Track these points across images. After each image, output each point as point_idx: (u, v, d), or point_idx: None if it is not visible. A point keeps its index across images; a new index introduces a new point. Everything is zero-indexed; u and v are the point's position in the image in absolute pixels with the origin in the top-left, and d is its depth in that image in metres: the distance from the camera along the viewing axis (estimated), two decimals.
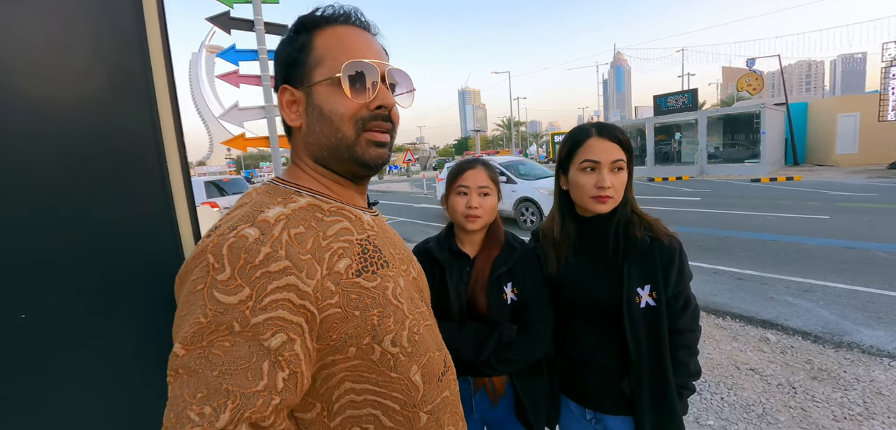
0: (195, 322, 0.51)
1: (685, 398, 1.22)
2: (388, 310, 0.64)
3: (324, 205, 0.66)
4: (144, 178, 0.65)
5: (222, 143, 6.05)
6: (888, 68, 16.58)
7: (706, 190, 13.57)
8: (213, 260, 0.53)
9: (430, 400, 0.69)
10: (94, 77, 0.60)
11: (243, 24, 5.19)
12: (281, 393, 0.52)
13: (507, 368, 1.27)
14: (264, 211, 0.59)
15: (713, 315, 4.06)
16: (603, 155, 1.16)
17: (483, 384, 1.33)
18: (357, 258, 0.64)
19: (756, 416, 2.57)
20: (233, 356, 0.50)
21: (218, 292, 0.52)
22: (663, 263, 1.16)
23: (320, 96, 0.64)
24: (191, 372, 0.50)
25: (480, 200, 1.30)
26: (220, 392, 0.49)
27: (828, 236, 6.64)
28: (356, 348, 0.61)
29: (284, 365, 0.53)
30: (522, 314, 1.29)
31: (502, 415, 1.35)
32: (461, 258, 1.34)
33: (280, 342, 0.53)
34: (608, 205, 1.17)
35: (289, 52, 0.66)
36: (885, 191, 10.95)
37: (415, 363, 0.67)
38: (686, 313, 1.19)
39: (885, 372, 2.93)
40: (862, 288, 4.42)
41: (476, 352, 1.23)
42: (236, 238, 0.54)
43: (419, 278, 0.82)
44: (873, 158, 17.76)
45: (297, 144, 0.70)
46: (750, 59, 22.41)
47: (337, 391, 0.62)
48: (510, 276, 1.30)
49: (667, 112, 21.27)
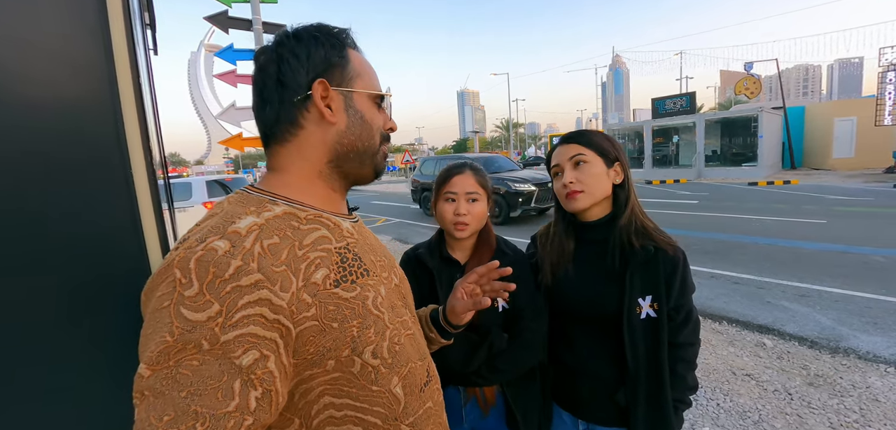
0: (161, 341, 0.48)
1: (681, 412, 1.19)
2: (368, 321, 0.62)
3: (300, 213, 0.64)
4: (105, 179, 0.61)
5: (219, 142, 6.02)
6: (885, 73, 16.68)
7: (704, 193, 13.58)
8: (180, 275, 0.51)
9: (411, 412, 0.67)
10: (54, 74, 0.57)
11: (241, 24, 5.17)
12: (254, 413, 0.50)
13: (498, 378, 1.23)
14: (235, 222, 0.56)
15: (710, 320, 4.04)
16: (562, 156, 1.20)
17: (474, 394, 1.30)
18: (335, 268, 0.62)
19: (752, 422, 2.55)
20: (202, 376, 0.48)
21: (185, 308, 0.49)
22: (666, 273, 1.13)
23: (362, 103, 0.70)
24: (157, 394, 0.47)
25: (469, 207, 1.27)
26: (188, 414, 0.46)
27: (825, 240, 6.64)
28: (335, 361, 0.59)
29: (257, 384, 0.50)
30: (514, 322, 1.25)
31: (492, 426, 1.31)
32: (452, 265, 1.31)
33: (252, 360, 0.50)
34: (579, 200, 1.17)
35: (327, 53, 0.68)
36: (882, 195, 10.98)
37: (395, 374, 0.65)
38: (687, 327, 1.16)
39: (882, 379, 2.91)
40: (859, 293, 4.41)
41: (466, 363, 1.19)
42: (205, 251, 0.52)
43: (402, 285, 0.80)
44: (870, 162, 17.85)
45: (314, 141, 0.67)
46: (748, 63, 22.50)
47: (316, 406, 0.60)
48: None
49: (665, 115, 21.34)
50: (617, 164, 1.19)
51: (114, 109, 0.61)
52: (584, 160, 1.16)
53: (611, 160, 1.18)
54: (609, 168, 1.18)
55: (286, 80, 0.65)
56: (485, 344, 1.20)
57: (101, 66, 0.60)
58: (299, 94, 0.65)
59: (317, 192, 0.69)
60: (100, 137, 0.61)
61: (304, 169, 0.68)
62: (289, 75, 0.65)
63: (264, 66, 0.67)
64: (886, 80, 16.64)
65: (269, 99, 0.66)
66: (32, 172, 0.57)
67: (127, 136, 0.62)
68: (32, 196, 0.57)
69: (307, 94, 0.66)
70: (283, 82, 0.65)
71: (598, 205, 1.19)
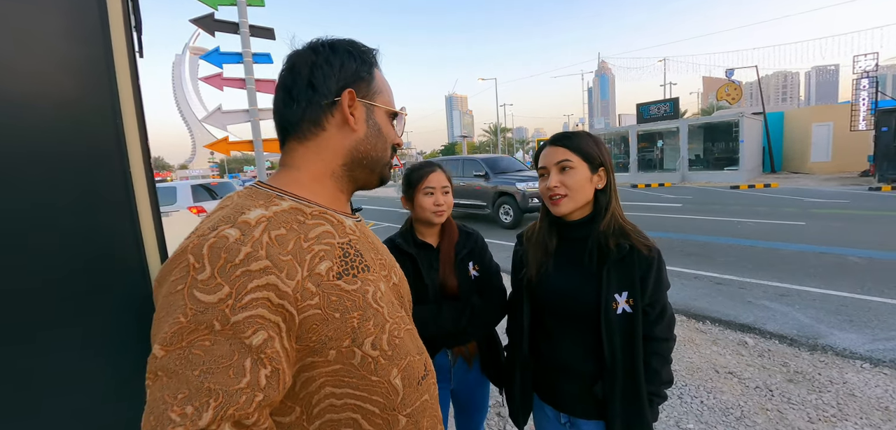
0: (175, 322, 0.51)
1: (656, 405, 1.23)
2: (368, 313, 0.65)
3: (306, 209, 0.66)
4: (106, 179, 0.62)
5: (205, 146, 5.94)
6: (859, 80, 17.22)
7: (687, 197, 13.84)
8: (194, 260, 0.53)
9: (409, 403, 0.70)
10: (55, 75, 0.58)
11: (228, 27, 5.10)
12: (264, 390, 0.52)
13: (480, 331, 1.55)
14: (245, 213, 0.59)
15: (693, 320, 4.13)
16: (548, 159, 1.24)
17: (461, 353, 1.59)
18: (338, 261, 0.64)
19: (735, 419, 2.61)
20: (214, 355, 0.50)
21: (198, 291, 0.52)
22: (642, 270, 1.17)
23: (380, 117, 0.76)
24: (171, 374, 0.49)
25: (444, 198, 1.53)
26: (201, 391, 0.48)
27: (804, 241, 6.83)
28: (336, 351, 0.61)
29: (266, 362, 0.53)
30: (485, 286, 1.57)
31: (474, 376, 1.63)
32: (427, 248, 1.55)
33: (262, 340, 0.53)
34: (562, 205, 1.21)
35: (358, 67, 0.73)
36: (857, 198, 11.34)
37: (395, 366, 0.68)
38: (662, 322, 1.21)
39: (858, 374, 3.01)
40: (835, 292, 4.55)
41: (456, 321, 1.46)
42: (217, 238, 0.54)
43: (400, 285, 0.83)
44: (846, 166, 18.40)
45: (333, 144, 0.72)
46: (729, 70, 23.04)
47: (317, 396, 0.62)
48: (471, 256, 1.58)
49: (649, 120, 21.69)
50: (601, 169, 1.23)
51: (113, 109, 0.62)
52: (570, 166, 1.20)
53: (595, 166, 1.22)
54: (593, 173, 1.21)
55: (317, 83, 0.70)
56: (467, 306, 1.50)
57: (101, 66, 0.61)
58: (328, 98, 0.70)
59: (325, 191, 0.72)
60: (100, 136, 0.62)
61: (318, 168, 0.72)
62: (320, 80, 0.70)
63: (296, 67, 0.71)
64: (861, 86, 17.19)
65: (297, 98, 0.70)
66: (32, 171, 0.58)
67: (126, 136, 0.63)
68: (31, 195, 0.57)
69: (335, 99, 0.70)
70: (314, 85, 0.70)
71: (581, 208, 1.23)
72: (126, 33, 0.62)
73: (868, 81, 17.09)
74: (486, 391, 1.69)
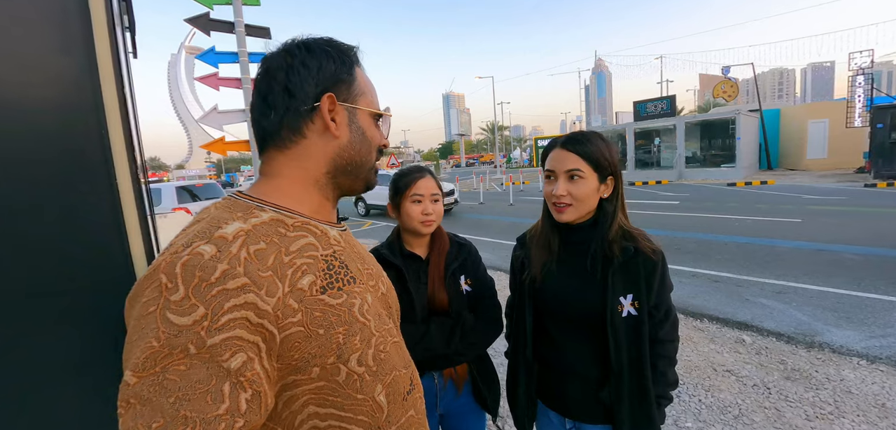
0: (147, 347, 0.47)
1: (663, 408, 1.22)
2: (354, 328, 0.62)
3: (288, 220, 0.63)
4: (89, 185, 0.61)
5: (201, 146, 5.91)
6: (854, 77, 17.31)
7: (684, 194, 13.87)
8: (166, 280, 0.50)
9: (394, 420, 0.67)
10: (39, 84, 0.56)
11: (223, 26, 5.07)
12: (244, 415, 0.49)
13: (473, 351, 1.41)
14: (222, 227, 0.56)
15: (691, 318, 4.13)
16: (558, 164, 1.18)
17: (450, 376, 1.45)
18: (322, 275, 0.61)
19: (733, 417, 2.61)
20: (190, 381, 0.47)
21: (171, 313, 0.48)
22: (646, 272, 1.15)
23: (364, 120, 0.72)
24: (144, 401, 0.46)
25: (433, 206, 1.41)
26: (177, 420, 0.45)
27: (800, 238, 6.85)
28: (320, 368, 0.59)
29: (246, 385, 0.50)
30: (479, 301, 1.44)
31: (463, 401, 1.48)
32: (415, 260, 1.44)
33: (241, 363, 0.50)
34: (566, 213, 1.17)
35: (337, 69, 0.69)
36: (853, 194, 11.39)
37: (380, 381, 0.65)
38: (667, 323, 1.20)
39: (854, 372, 3.02)
40: (832, 289, 4.57)
41: (447, 343, 1.35)
42: (191, 256, 0.51)
43: (388, 295, 0.80)
44: (841, 163, 18.48)
45: (314, 151, 0.68)
46: (725, 67, 23.09)
47: (300, 416, 0.60)
48: (463, 269, 1.46)
49: (646, 118, 21.72)
50: (610, 178, 1.20)
51: (98, 120, 0.60)
52: (581, 176, 1.16)
53: (605, 176, 1.18)
54: (601, 183, 1.18)
55: (294, 88, 0.65)
56: (459, 324, 1.38)
57: (85, 76, 0.59)
58: (306, 104, 0.66)
59: (309, 199, 0.69)
60: (85, 144, 0.60)
61: (300, 177, 0.68)
62: (297, 84, 0.65)
63: (272, 72, 0.67)
64: (856, 83, 17.28)
65: (273, 104, 0.66)
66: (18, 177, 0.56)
67: (112, 144, 0.61)
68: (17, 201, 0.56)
69: (314, 105, 0.66)
70: (291, 91, 0.65)
71: (583, 216, 1.20)
72: (111, 41, 0.60)
73: (863, 78, 17.18)
74: (482, 420, 1.54)
